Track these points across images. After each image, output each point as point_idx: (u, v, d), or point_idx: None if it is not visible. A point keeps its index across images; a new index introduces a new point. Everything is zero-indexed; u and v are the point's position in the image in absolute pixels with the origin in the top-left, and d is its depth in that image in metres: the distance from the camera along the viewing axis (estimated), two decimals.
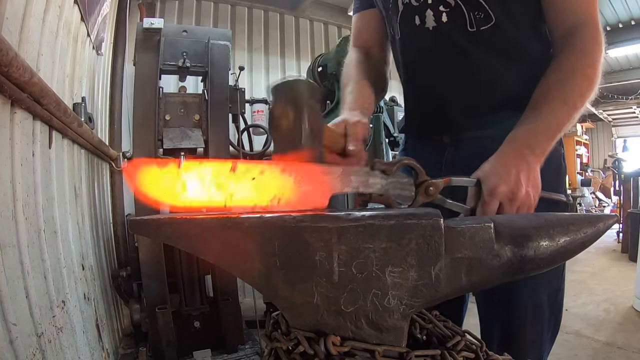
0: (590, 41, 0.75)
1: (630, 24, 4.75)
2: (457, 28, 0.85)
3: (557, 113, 0.71)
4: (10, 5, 1.03)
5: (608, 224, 0.58)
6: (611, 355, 2.22)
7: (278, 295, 0.49)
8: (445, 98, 0.90)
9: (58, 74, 1.50)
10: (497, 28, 0.82)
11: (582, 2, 0.78)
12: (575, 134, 10.16)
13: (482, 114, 0.85)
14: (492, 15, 0.82)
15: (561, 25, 0.79)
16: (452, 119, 0.90)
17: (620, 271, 4.01)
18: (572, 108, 0.71)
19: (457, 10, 0.84)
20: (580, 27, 0.76)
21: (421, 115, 0.98)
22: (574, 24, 0.77)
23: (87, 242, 1.88)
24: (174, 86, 2.85)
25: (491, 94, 0.86)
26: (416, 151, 1.00)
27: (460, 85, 0.87)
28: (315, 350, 0.47)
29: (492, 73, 0.85)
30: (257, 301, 2.29)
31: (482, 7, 0.82)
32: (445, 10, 0.85)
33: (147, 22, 2.06)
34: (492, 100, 0.85)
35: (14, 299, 1.00)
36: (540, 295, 0.87)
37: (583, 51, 0.75)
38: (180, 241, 0.49)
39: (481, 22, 0.83)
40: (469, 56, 0.85)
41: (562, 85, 0.72)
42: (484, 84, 0.86)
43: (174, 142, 2.11)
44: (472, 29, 0.84)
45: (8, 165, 1.06)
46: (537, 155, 0.68)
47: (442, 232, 0.48)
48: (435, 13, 0.86)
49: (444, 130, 0.94)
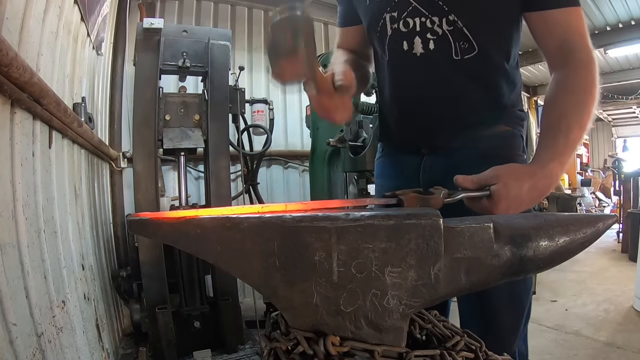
0: (590, 61, 0.80)
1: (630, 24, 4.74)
2: (443, 56, 0.90)
3: (576, 140, 0.77)
4: (10, 6, 1.03)
5: (607, 224, 0.58)
6: (611, 355, 2.22)
7: (277, 296, 0.49)
8: (427, 117, 0.97)
9: (58, 74, 1.50)
10: (479, 57, 0.89)
11: (572, 24, 0.82)
12: None
13: (457, 131, 0.95)
14: (476, 46, 0.88)
15: (553, 43, 0.84)
16: (431, 135, 0.99)
17: (620, 271, 4.01)
18: (585, 130, 0.78)
19: (444, 38, 0.89)
20: (576, 48, 0.81)
21: (403, 130, 1.05)
22: (565, 41, 0.82)
23: (87, 242, 1.88)
24: (174, 86, 2.85)
25: (468, 115, 0.94)
26: (398, 156, 1.09)
27: (442, 107, 0.95)
28: (315, 350, 0.47)
29: (470, 98, 0.93)
30: (257, 301, 2.28)
31: (467, 38, 0.88)
32: (433, 38, 0.90)
33: (147, 22, 2.06)
34: (467, 121, 0.94)
35: (14, 299, 1.00)
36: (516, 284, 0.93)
37: (587, 71, 0.79)
38: (179, 241, 0.49)
39: (465, 51, 0.89)
40: (452, 82, 0.92)
41: (580, 111, 0.77)
42: (463, 107, 0.94)
43: (174, 142, 2.11)
44: (457, 57, 0.90)
45: (8, 165, 1.06)
46: (555, 182, 0.75)
47: (441, 232, 0.48)
48: (423, 40, 0.91)
49: (422, 142, 1.02)
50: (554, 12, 0.82)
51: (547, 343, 2.39)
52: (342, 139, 2.82)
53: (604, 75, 7.04)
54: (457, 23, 0.87)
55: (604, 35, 4.93)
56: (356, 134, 2.79)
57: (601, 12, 4.56)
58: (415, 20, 0.90)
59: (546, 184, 0.73)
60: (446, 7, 0.86)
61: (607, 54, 5.51)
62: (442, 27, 0.88)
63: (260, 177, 3.45)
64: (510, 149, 0.94)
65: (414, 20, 0.90)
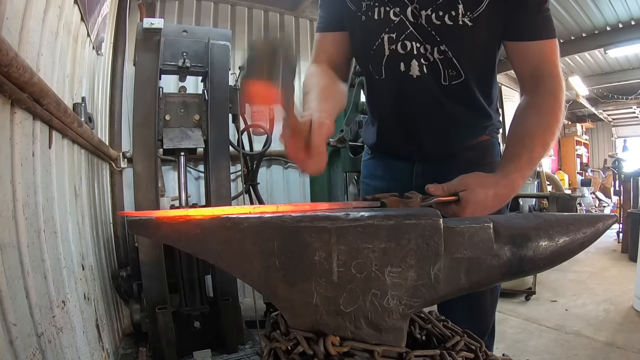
0: (557, 89, 0.88)
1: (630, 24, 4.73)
2: (434, 80, 0.97)
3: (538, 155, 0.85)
4: (10, 6, 1.03)
5: (607, 224, 0.58)
6: (611, 355, 2.22)
7: (277, 296, 0.49)
8: (419, 132, 1.05)
9: (58, 74, 1.50)
10: (465, 84, 0.97)
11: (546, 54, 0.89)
12: (575, 134, 10.16)
13: (447, 144, 1.06)
14: (462, 74, 0.95)
15: (527, 69, 0.91)
16: (422, 148, 1.08)
17: (620, 271, 4.00)
18: (547, 149, 0.86)
19: (434, 65, 0.95)
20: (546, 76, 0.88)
21: (394, 142, 1.12)
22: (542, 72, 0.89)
23: (87, 242, 1.88)
24: (174, 86, 2.85)
25: (454, 132, 1.04)
26: (389, 160, 1.16)
27: (433, 125, 1.03)
28: (315, 350, 0.47)
29: (459, 116, 1.02)
30: (257, 301, 2.28)
31: (455, 66, 0.94)
32: (425, 64, 0.96)
33: (147, 22, 2.06)
34: (455, 135, 1.05)
35: (14, 299, 1.00)
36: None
37: (554, 97, 0.87)
38: (179, 241, 0.49)
39: (453, 78, 0.96)
40: (442, 103, 0.99)
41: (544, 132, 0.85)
42: (451, 126, 1.03)
43: (174, 142, 2.11)
44: (445, 82, 0.97)
45: (8, 165, 1.06)
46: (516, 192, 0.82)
47: (441, 232, 0.48)
48: (419, 64, 0.96)
49: (414, 152, 1.10)
50: (530, 43, 0.89)
51: (547, 343, 2.39)
52: (342, 139, 2.82)
53: (604, 75, 7.05)
54: (448, 53, 0.93)
55: (604, 35, 4.93)
56: (356, 134, 2.79)
57: (601, 12, 4.56)
58: (413, 44, 0.94)
59: (507, 193, 0.80)
60: (438, 38, 0.92)
61: (607, 54, 5.50)
62: (434, 55, 0.94)
63: (260, 177, 3.44)
64: (492, 156, 1.07)
65: (411, 44, 0.94)
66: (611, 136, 11.81)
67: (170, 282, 2.08)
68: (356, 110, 2.89)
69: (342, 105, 0.98)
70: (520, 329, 2.60)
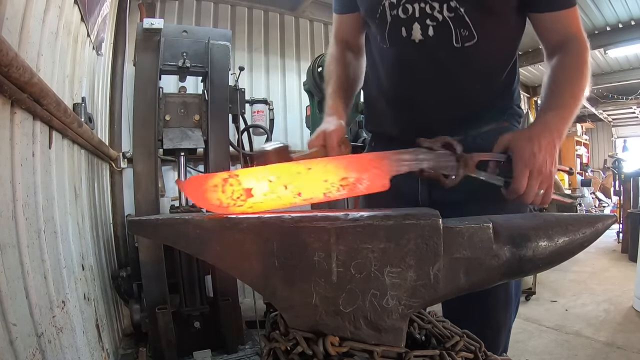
0: (583, 48, 0.88)
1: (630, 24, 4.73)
2: (442, 43, 0.90)
3: (571, 104, 0.84)
4: (10, 6, 1.03)
5: (607, 224, 0.58)
6: (611, 355, 2.22)
7: (277, 296, 0.49)
8: (425, 107, 0.97)
9: (58, 74, 1.50)
10: (478, 47, 0.90)
11: (570, 22, 0.89)
12: (575, 134, 10.15)
13: (456, 122, 0.95)
14: (475, 34, 0.89)
15: (553, 39, 0.91)
16: (429, 126, 0.96)
17: (620, 271, 4.00)
18: (578, 101, 0.85)
19: (444, 25, 0.89)
20: (572, 40, 0.89)
21: (398, 119, 1.04)
22: (564, 37, 0.89)
23: (87, 242, 1.88)
24: (174, 86, 2.85)
25: (465, 105, 0.96)
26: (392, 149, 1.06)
27: (440, 96, 0.95)
28: (314, 350, 0.47)
29: (468, 87, 0.94)
30: (257, 301, 2.28)
31: (467, 25, 0.88)
32: (432, 24, 0.90)
33: (147, 22, 2.06)
34: (465, 111, 0.96)
35: (14, 299, 1.00)
36: (510, 283, 0.97)
37: (580, 54, 0.88)
38: (179, 242, 0.49)
39: (465, 39, 0.90)
40: (450, 70, 0.93)
41: (571, 83, 0.85)
42: (460, 97, 0.95)
43: (174, 142, 2.11)
44: (457, 44, 0.90)
45: (8, 165, 1.06)
46: (559, 139, 0.80)
47: (440, 232, 0.48)
48: (422, 26, 0.90)
49: (419, 134, 1.00)
50: (552, 14, 0.88)
51: (547, 343, 2.39)
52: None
53: (604, 75, 7.04)
54: (459, 10, 0.87)
55: (604, 35, 4.93)
56: (356, 134, 2.79)
57: (601, 12, 4.56)
58: (415, 6, 0.90)
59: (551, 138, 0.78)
60: None
61: (607, 54, 5.50)
62: (443, 13, 0.88)
63: None
64: None
65: (412, 6, 0.90)
66: (611, 136, 11.81)
67: (170, 282, 2.08)
68: (356, 110, 2.88)
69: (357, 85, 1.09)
70: (520, 329, 2.60)
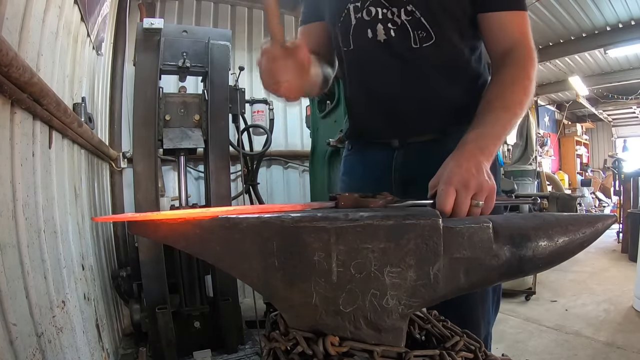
0: (524, 58, 0.85)
1: (630, 24, 4.73)
2: (403, 44, 0.93)
3: (500, 119, 0.79)
4: (10, 6, 1.03)
5: (606, 224, 0.58)
6: (611, 355, 2.22)
7: (277, 296, 0.49)
8: (395, 105, 0.98)
9: (58, 74, 1.50)
10: (437, 46, 0.92)
11: (515, 25, 0.87)
12: (575, 134, 10.15)
13: (427, 121, 0.97)
14: (433, 35, 0.91)
15: (498, 46, 0.89)
16: (401, 125, 1.00)
17: (620, 271, 4.00)
18: (512, 114, 0.80)
19: (402, 28, 0.92)
20: (516, 46, 0.86)
21: (372, 121, 1.05)
22: (510, 44, 0.87)
23: (87, 242, 1.88)
24: (174, 86, 2.85)
25: (435, 103, 0.96)
26: (366, 154, 1.10)
27: (409, 93, 0.96)
28: (314, 350, 0.47)
29: (435, 85, 0.95)
30: (257, 301, 2.28)
31: (425, 27, 0.91)
32: (393, 28, 0.93)
33: (147, 22, 2.06)
34: (436, 109, 0.96)
35: (14, 299, 1.00)
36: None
37: (519, 66, 0.84)
38: (178, 242, 0.49)
39: (423, 40, 0.92)
40: (415, 68, 0.94)
41: (503, 96, 0.82)
42: (429, 94, 0.96)
43: (174, 142, 2.11)
44: (415, 45, 0.93)
45: (8, 165, 1.06)
46: (485, 155, 0.74)
47: (440, 232, 0.48)
48: (384, 28, 0.94)
49: (392, 134, 1.02)
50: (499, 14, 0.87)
51: (547, 343, 2.39)
52: (342, 139, 2.82)
53: (604, 75, 7.04)
54: (415, 13, 0.90)
55: (604, 35, 4.93)
56: None
57: (601, 12, 4.56)
58: (378, 10, 0.94)
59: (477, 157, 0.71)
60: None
61: (607, 54, 5.50)
62: (401, 17, 0.92)
63: (260, 177, 3.44)
64: None
65: (376, 9, 0.94)
66: (611, 136, 11.81)
67: (170, 282, 2.08)
68: None
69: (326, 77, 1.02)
70: (520, 329, 2.60)
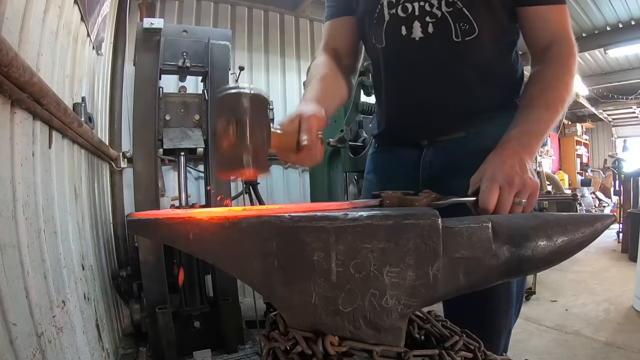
0: (566, 53, 0.84)
1: (630, 24, 4.73)
2: (442, 38, 0.90)
3: (542, 116, 0.79)
4: (10, 6, 1.03)
5: (606, 223, 0.58)
6: (611, 355, 2.21)
7: (276, 295, 0.49)
8: (427, 105, 0.96)
9: (58, 74, 1.50)
10: (479, 40, 0.89)
11: (556, 20, 0.86)
12: (575, 134, 10.15)
13: (460, 122, 0.95)
14: (476, 27, 0.88)
15: (539, 40, 0.87)
16: (432, 124, 0.98)
17: (620, 271, 4.00)
18: (554, 112, 0.80)
19: (443, 21, 0.89)
20: (557, 41, 0.85)
21: (402, 121, 1.03)
22: (551, 38, 0.86)
23: (87, 242, 1.88)
24: (174, 86, 2.84)
25: (469, 104, 0.94)
26: (394, 151, 1.07)
27: (442, 93, 0.94)
28: (314, 350, 0.47)
29: (471, 86, 0.93)
30: (257, 301, 2.28)
31: (467, 19, 0.88)
32: (432, 21, 0.90)
33: (147, 22, 2.06)
34: (470, 110, 0.94)
35: (14, 299, 1.00)
36: (511, 284, 0.93)
37: (561, 62, 0.84)
38: (178, 242, 0.49)
39: (466, 32, 0.89)
40: (451, 66, 0.92)
41: (545, 93, 0.81)
42: (464, 96, 0.94)
43: (174, 142, 2.11)
44: (457, 39, 0.90)
45: (8, 165, 1.06)
46: (528, 153, 0.74)
47: (439, 232, 0.48)
48: (422, 24, 0.91)
49: (423, 134, 1.01)
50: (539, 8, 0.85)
51: (547, 343, 2.39)
52: (342, 139, 2.82)
53: (604, 75, 7.04)
54: (457, 4, 0.87)
55: (604, 35, 4.93)
56: (356, 134, 2.79)
57: (601, 12, 4.56)
58: (414, 5, 0.90)
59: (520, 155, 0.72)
60: None
61: (607, 54, 5.50)
62: (442, 9, 0.88)
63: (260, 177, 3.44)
64: None
65: (412, 5, 0.91)
66: (611, 136, 11.80)
67: (170, 282, 2.08)
68: (356, 110, 2.89)
69: (341, 95, 0.99)
70: (520, 329, 2.60)
